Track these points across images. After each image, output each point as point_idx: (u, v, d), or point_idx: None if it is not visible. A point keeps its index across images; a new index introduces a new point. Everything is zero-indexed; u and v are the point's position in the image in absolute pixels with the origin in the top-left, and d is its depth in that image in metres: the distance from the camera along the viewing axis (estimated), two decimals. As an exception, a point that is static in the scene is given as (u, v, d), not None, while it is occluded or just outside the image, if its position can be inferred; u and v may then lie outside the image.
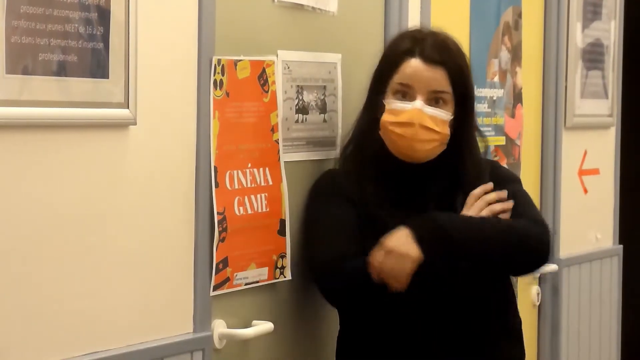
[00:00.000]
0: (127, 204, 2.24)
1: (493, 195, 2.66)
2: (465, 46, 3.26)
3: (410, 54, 2.65)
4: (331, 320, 2.78)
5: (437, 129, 2.64)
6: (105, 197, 2.20)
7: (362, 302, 2.65)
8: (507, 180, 2.78)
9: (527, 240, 2.65)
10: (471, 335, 2.66)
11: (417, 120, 2.61)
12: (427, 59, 2.65)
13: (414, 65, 2.65)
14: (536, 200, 3.72)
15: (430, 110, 2.63)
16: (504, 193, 2.67)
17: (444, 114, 2.65)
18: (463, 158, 2.72)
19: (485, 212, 2.63)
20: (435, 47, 2.68)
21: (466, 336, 2.66)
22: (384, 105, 2.65)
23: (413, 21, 3.05)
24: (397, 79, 2.65)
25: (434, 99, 2.65)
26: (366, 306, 2.65)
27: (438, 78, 2.66)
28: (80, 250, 2.15)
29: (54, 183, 2.09)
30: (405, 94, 2.64)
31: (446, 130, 2.66)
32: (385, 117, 2.64)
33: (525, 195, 2.78)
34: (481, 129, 3.04)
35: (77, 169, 2.13)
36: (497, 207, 2.64)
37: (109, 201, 2.20)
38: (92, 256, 2.17)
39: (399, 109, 2.63)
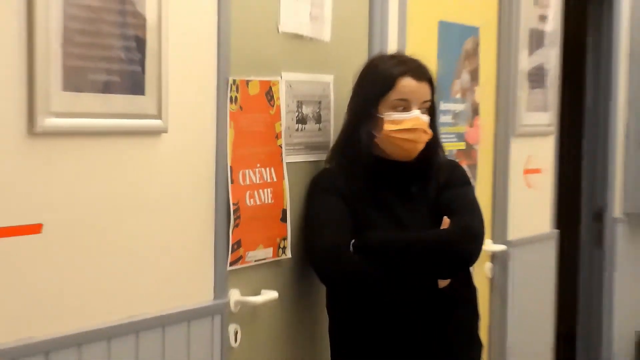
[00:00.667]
0: (160, 197, 2.26)
1: None
2: (433, 69, 3.27)
3: (403, 74, 2.64)
4: (324, 290, 2.76)
5: (429, 131, 2.66)
6: (143, 192, 2.22)
7: (353, 288, 2.63)
8: (458, 184, 2.75)
9: (440, 251, 2.61)
10: (437, 302, 2.65)
11: (420, 125, 2.63)
12: (418, 77, 2.66)
13: (408, 83, 2.64)
14: (489, 194, 3.75)
15: (424, 116, 2.65)
16: None
17: (428, 118, 2.67)
18: (433, 155, 2.72)
19: None
20: (419, 67, 2.69)
21: (433, 303, 2.65)
22: (381, 118, 2.63)
23: (392, 49, 3.05)
24: (394, 96, 2.64)
25: (422, 107, 2.66)
26: (357, 291, 2.64)
27: (426, 91, 2.67)
28: (125, 234, 2.17)
29: (103, 179, 2.11)
30: (404, 106, 2.64)
31: (431, 132, 2.68)
32: (388, 127, 2.63)
33: (468, 200, 2.74)
34: (446, 136, 3.06)
35: (120, 168, 2.15)
36: None
37: (146, 195, 2.22)
38: (133, 240, 2.19)
39: (400, 119, 2.63)
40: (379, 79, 2.67)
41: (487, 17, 3.70)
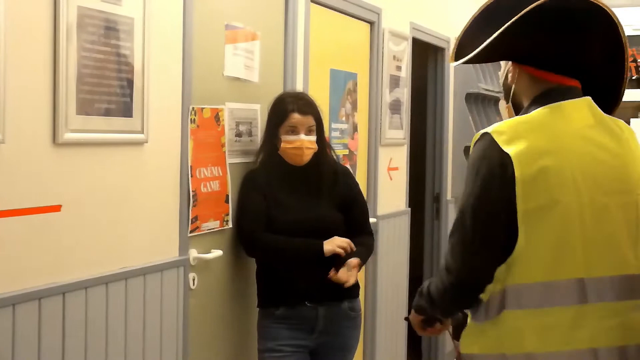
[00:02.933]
0: (143, 187, 2.26)
1: (344, 242, 2.66)
2: (326, 101, 3.32)
3: (292, 111, 2.66)
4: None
5: (312, 146, 2.68)
6: (132, 183, 2.21)
7: (261, 257, 2.69)
8: (353, 186, 2.82)
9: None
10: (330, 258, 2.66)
11: (304, 145, 2.65)
12: (303, 112, 2.67)
13: (296, 117, 2.66)
14: (364, 184, 3.76)
15: (308, 137, 2.67)
16: (351, 245, 2.65)
17: (314, 137, 2.69)
18: (321, 161, 2.73)
19: (332, 246, 2.61)
20: (305, 104, 2.70)
21: (328, 259, 2.65)
22: (280, 139, 2.66)
23: (298, 88, 3.06)
24: (287, 124, 2.65)
25: (308, 131, 2.68)
26: (264, 259, 2.68)
27: (309, 120, 2.68)
28: (119, 212, 2.15)
29: (105, 174, 2.10)
30: (293, 131, 2.66)
31: (315, 146, 2.69)
32: (285, 145, 2.65)
33: (362, 202, 2.85)
34: (335, 146, 3.07)
35: (116, 166, 2.14)
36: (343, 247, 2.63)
37: (133, 185, 2.22)
38: (125, 216, 2.18)
39: (292, 140, 2.66)
40: (279, 112, 2.69)
41: (362, 66, 3.73)
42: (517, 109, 1.74)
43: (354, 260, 2.65)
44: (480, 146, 1.59)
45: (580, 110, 1.65)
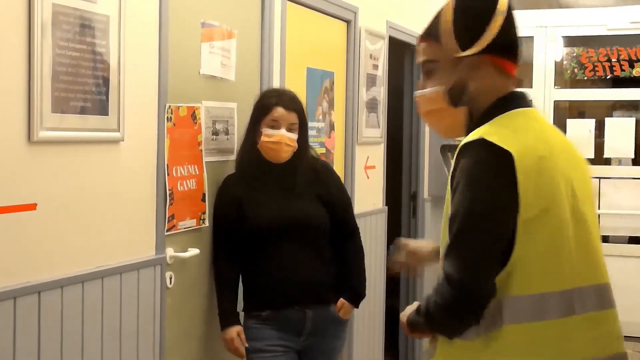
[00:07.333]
0: (119, 186, 2.26)
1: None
2: (303, 100, 3.29)
3: (276, 104, 2.66)
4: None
5: (292, 144, 2.68)
6: (107, 182, 2.21)
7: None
8: (335, 182, 2.83)
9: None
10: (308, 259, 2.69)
11: (283, 140, 2.65)
12: (286, 107, 2.67)
13: (279, 111, 2.66)
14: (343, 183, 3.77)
15: (289, 134, 2.67)
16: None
17: (294, 135, 2.68)
18: (300, 159, 2.72)
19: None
20: (290, 100, 2.69)
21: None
22: (262, 132, 2.66)
23: (275, 85, 3.07)
24: (269, 118, 2.65)
25: (290, 128, 2.68)
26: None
27: (292, 117, 2.67)
28: (95, 210, 2.15)
29: (80, 173, 2.10)
30: (275, 125, 2.67)
31: (295, 144, 2.68)
32: (264, 139, 2.65)
33: (345, 198, 2.87)
34: (312, 144, 3.08)
35: (92, 165, 2.14)
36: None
37: (109, 184, 2.22)
38: (101, 214, 2.18)
39: (272, 134, 2.65)
40: (262, 106, 2.69)
41: (339, 65, 3.74)
42: (472, 114, 1.56)
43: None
44: (476, 152, 1.45)
45: (539, 116, 1.58)
